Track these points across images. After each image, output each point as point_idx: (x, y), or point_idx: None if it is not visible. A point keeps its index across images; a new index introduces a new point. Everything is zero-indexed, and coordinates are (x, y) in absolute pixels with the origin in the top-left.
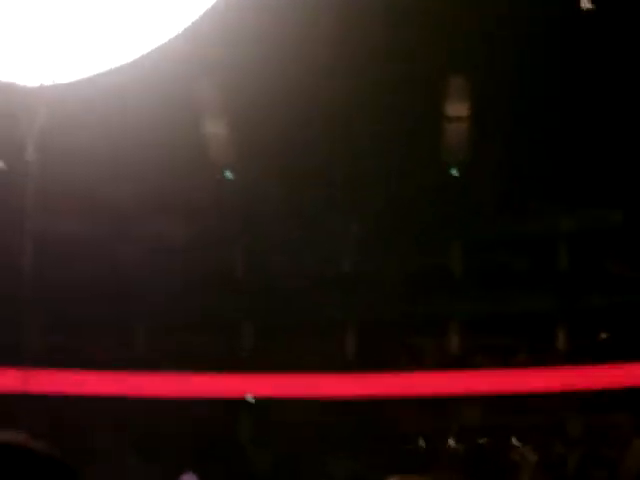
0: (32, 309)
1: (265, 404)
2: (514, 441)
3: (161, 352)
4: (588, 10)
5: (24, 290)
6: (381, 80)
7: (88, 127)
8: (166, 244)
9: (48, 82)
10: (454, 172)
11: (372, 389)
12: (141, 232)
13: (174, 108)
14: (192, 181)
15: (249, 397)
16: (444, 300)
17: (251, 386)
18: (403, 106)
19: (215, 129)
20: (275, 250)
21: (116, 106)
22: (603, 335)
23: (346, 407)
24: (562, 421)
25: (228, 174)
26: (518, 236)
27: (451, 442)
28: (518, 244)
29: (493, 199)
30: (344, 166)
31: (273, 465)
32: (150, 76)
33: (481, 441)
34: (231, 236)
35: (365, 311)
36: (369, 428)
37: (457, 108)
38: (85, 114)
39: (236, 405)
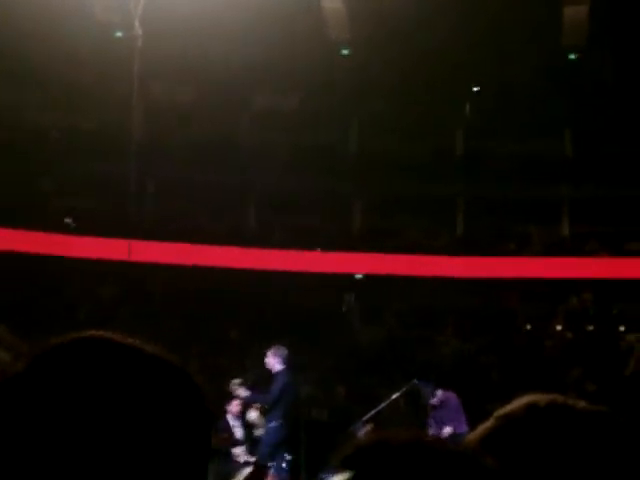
0: (142, 178)
1: (374, 282)
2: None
3: (272, 228)
4: None
5: (134, 159)
6: None
7: (199, 6)
8: (280, 117)
9: None
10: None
11: (479, 272)
12: (254, 104)
13: None
14: (307, 57)
15: (358, 275)
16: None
17: (361, 265)
18: None
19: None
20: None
21: None
22: None
23: (453, 288)
24: None
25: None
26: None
27: (559, 327)
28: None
29: None
30: (464, 46)
31: (383, 343)
32: None
33: (589, 328)
34: (345, 115)
35: (476, 192)
36: (476, 310)
37: None
38: None
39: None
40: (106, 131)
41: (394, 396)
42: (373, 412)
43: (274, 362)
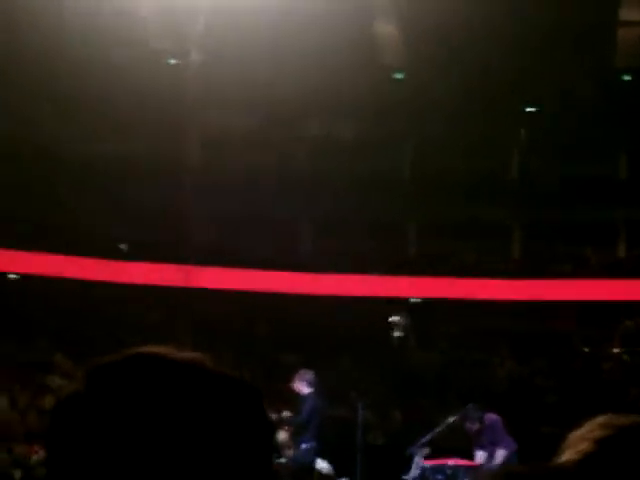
0: (195, 204)
1: (429, 306)
2: None
3: (327, 252)
4: None
5: (188, 185)
6: None
7: (252, 29)
8: (334, 144)
9: None
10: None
11: (535, 294)
12: (308, 131)
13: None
14: (361, 81)
15: (414, 299)
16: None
17: (415, 288)
18: None
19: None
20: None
21: (285, 12)
22: None
23: (509, 311)
24: None
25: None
26: None
27: (615, 349)
28: None
29: None
30: (519, 68)
31: (438, 367)
32: None
33: None
34: (398, 140)
35: (531, 214)
36: (531, 332)
37: None
38: (248, 16)
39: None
40: (160, 158)
41: (450, 419)
42: (429, 436)
43: (301, 386)
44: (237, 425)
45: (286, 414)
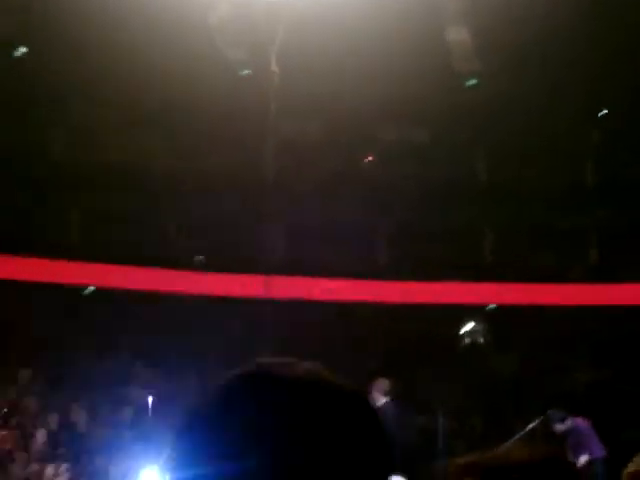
0: (273, 216)
1: (505, 312)
2: None
3: (401, 260)
4: None
5: (266, 195)
6: None
7: (326, 42)
8: (406, 151)
9: None
10: None
11: (613, 299)
12: (382, 138)
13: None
14: (435, 88)
15: (491, 305)
16: None
17: (493, 295)
18: None
19: (459, 36)
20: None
21: (356, 20)
22: None
23: (588, 316)
24: None
25: (472, 81)
26: None
27: None
28: None
29: None
30: (593, 71)
31: (517, 373)
32: None
33: None
34: (471, 143)
35: (609, 219)
36: (612, 337)
37: None
38: (324, 30)
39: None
40: (232, 170)
41: (530, 426)
42: (509, 442)
43: (377, 395)
44: (360, 437)
45: None
